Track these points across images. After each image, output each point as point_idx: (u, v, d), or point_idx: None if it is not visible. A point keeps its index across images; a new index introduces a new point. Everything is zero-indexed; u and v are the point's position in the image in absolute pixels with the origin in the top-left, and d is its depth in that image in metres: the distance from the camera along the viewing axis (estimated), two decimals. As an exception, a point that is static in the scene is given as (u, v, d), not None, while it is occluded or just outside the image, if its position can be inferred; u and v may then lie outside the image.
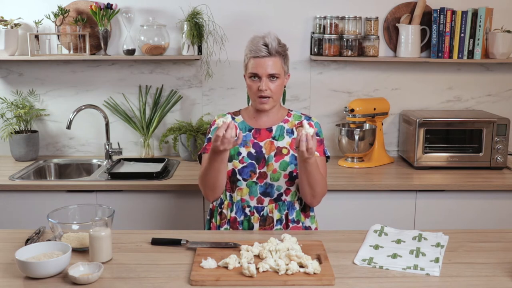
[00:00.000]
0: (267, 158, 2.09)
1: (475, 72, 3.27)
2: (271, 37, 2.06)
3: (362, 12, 3.13)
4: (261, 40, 2.05)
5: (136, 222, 2.72)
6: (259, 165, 2.09)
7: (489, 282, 1.59)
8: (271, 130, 2.14)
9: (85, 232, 1.77)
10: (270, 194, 2.09)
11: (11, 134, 3.08)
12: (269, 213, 2.09)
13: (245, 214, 2.09)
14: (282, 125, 2.15)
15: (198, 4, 3.05)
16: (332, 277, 1.57)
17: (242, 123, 2.17)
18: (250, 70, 2.06)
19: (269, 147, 2.11)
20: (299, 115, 2.20)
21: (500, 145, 2.97)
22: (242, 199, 2.10)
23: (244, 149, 2.11)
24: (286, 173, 2.08)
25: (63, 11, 3.02)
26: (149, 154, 3.20)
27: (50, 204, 2.36)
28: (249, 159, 2.09)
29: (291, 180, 2.09)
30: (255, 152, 2.10)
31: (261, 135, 2.13)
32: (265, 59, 2.04)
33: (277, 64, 2.05)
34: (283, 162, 2.08)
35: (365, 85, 3.25)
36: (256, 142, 2.12)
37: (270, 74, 2.04)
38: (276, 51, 2.05)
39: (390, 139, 3.32)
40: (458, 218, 2.79)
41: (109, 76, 3.21)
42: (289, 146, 2.11)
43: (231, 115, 2.21)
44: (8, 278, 1.59)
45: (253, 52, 2.05)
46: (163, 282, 1.57)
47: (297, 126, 2.13)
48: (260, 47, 2.04)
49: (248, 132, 2.14)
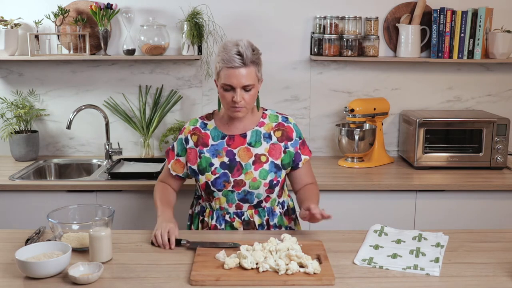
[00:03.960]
0: (245, 166, 2.03)
1: (475, 72, 3.27)
2: (245, 46, 1.93)
3: (362, 12, 3.13)
4: (234, 48, 1.93)
5: (136, 222, 2.72)
6: (233, 174, 2.03)
7: (489, 282, 1.59)
8: (245, 136, 2.07)
9: (85, 232, 1.77)
10: (249, 201, 2.06)
11: (11, 134, 3.08)
12: (250, 218, 2.07)
13: (226, 221, 2.07)
14: (258, 129, 2.08)
15: (198, 4, 3.05)
16: (332, 277, 1.57)
17: (215, 130, 2.09)
18: (224, 81, 1.95)
19: (244, 154, 2.05)
20: (274, 114, 2.14)
21: (500, 145, 2.97)
22: (221, 207, 2.08)
23: (217, 159, 2.05)
24: (266, 182, 2.03)
25: (63, 11, 3.02)
26: (149, 154, 3.20)
27: (50, 204, 2.35)
28: (222, 169, 2.03)
29: (271, 188, 2.05)
30: (229, 160, 2.04)
31: (235, 142, 2.06)
32: (239, 70, 1.92)
33: (251, 74, 1.95)
34: (262, 170, 2.03)
35: (365, 85, 3.25)
36: (229, 149, 2.05)
37: (245, 86, 1.95)
38: (251, 61, 1.94)
39: (390, 139, 3.32)
40: (458, 218, 2.79)
41: (109, 76, 3.21)
42: (267, 153, 2.06)
43: (202, 120, 2.13)
44: (8, 278, 1.59)
45: (226, 62, 1.93)
46: (163, 282, 1.57)
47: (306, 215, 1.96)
48: (233, 57, 1.92)
49: (221, 140, 2.07)
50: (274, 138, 2.08)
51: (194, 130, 2.11)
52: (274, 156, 2.06)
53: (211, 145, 2.07)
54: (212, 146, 2.07)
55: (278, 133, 2.09)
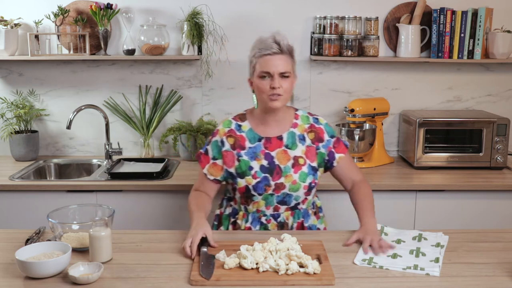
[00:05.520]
0: (284, 168, 2.02)
1: (475, 72, 3.27)
2: (281, 36, 1.97)
3: (362, 12, 3.13)
4: (270, 38, 1.96)
5: (136, 222, 2.72)
6: (273, 177, 2.01)
7: (489, 282, 1.59)
8: (281, 138, 2.05)
9: (85, 232, 1.77)
10: (287, 202, 2.05)
11: (11, 134, 3.08)
12: (285, 219, 2.07)
13: (261, 223, 2.06)
14: (293, 131, 2.07)
15: (198, 4, 3.05)
16: (332, 277, 1.57)
17: (250, 132, 2.06)
18: (261, 69, 1.94)
19: (282, 156, 2.03)
20: (305, 115, 2.12)
21: (500, 145, 2.97)
22: (257, 210, 2.06)
23: (256, 162, 2.02)
24: (306, 184, 2.03)
25: (63, 11, 3.02)
26: (149, 154, 3.20)
27: (50, 204, 2.35)
28: (262, 172, 2.01)
29: (309, 190, 2.06)
30: (268, 163, 2.02)
31: (272, 144, 2.04)
32: (276, 57, 1.93)
33: (288, 62, 1.96)
34: (302, 173, 2.02)
35: (365, 85, 3.25)
36: (267, 152, 2.03)
37: (282, 72, 1.94)
38: (287, 48, 1.96)
39: (390, 139, 3.32)
40: (458, 218, 2.79)
41: (109, 76, 3.21)
42: (304, 155, 2.05)
43: (236, 121, 2.10)
44: (8, 278, 1.59)
45: (262, 50, 1.94)
46: (163, 282, 1.57)
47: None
48: (270, 44, 1.94)
49: (258, 142, 2.05)
50: (308, 140, 2.07)
51: (229, 132, 2.07)
52: (310, 158, 2.05)
53: (248, 147, 2.04)
54: (249, 148, 2.04)
55: (311, 135, 2.08)
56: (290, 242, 1.76)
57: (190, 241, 1.75)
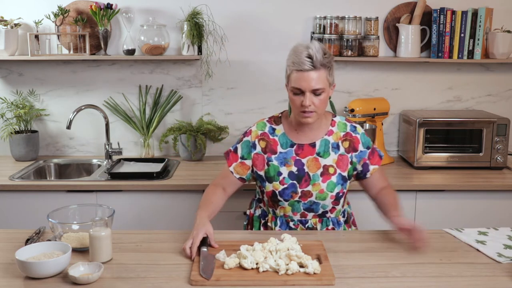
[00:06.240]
0: (312, 176, 2.00)
1: (475, 72, 3.27)
2: (315, 48, 1.89)
3: (362, 12, 3.13)
4: (304, 51, 1.89)
5: (136, 222, 2.72)
6: (301, 184, 2.00)
7: (489, 282, 1.59)
8: (314, 145, 2.03)
9: (85, 232, 1.77)
10: (314, 210, 2.04)
11: (11, 134, 3.08)
12: (313, 225, 2.06)
13: (290, 227, 2.06)
14: (327, 139, 2.04)
15: (198, 4, 3.05)
16: (332, 277, 1.57)
17: (283, 137, 2.05)
18: (293, 85, 1.91)
19: (313, 164, 2.01)
20: (343, 122, 2.08)
21: (500, 145, 2.97)
22: (285, 214, 2.06)
23: (285, 168, 2.01)
24: (333, 194, 2.01)
25: (63, 11, 3.02)
26: (149, 154, 3.20)
27: (50, 204, 2.35)
28: (290, 179, 2.01)
29: (337, 200, 2.04)
30: (297, 170, 2.01)
31: (304, 151, 2.02)
32: (309, 73, 1.88)
33: (321, 77, 1.90)
34: (330, 183, 2.01)
35: (365, 85, 3.25)
36: (298, 159, 2.02)
37: (314, 90, 1.90)
38: (321, 63, 1.89)
39: (390, 139, 3.32)
40: (458, 218, 2.79)
41: (109, 76, 3.21)
42: (335, 164, 2.02)
43: (271, 124, 2.08)
44: (8, 278, 1.59)
45: (296, 65, 1.89)
46: (163, 282, 1.57)
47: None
48: (303, 60, 1.87)
49: (290, 148, 2.03)
50: (342, 148, 2.05)
51: (262, 135, 2.06)
52: (342, 168, 2.03)
53: (279, 152, 2.03)
54: (280, 154, 2.03)
55: (345, 144, 2.05)
56: (290, 242, 1.76)
57: (190, 242, 1.75)
